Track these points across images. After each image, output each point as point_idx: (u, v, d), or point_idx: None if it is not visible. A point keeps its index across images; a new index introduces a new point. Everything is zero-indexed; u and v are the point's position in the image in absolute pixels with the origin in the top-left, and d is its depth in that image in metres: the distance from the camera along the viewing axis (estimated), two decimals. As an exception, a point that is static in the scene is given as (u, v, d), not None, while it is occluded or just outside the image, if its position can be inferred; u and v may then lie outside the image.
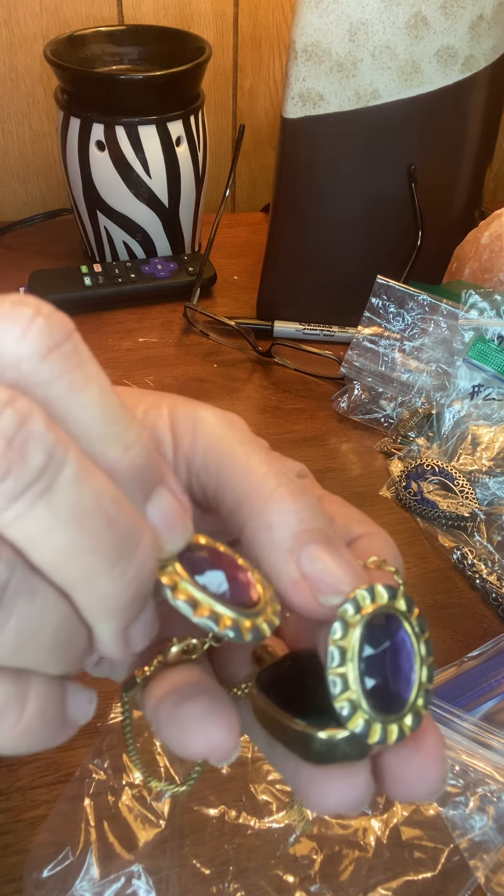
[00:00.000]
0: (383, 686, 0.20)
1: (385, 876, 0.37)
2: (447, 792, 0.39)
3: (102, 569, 0.17)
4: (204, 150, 0.79)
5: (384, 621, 0.20)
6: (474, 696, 0.44)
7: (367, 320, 0.64)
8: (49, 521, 0.16)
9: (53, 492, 0.16)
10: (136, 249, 0.80)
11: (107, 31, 0.78)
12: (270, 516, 0.20)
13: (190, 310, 0.74)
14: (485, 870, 0.37)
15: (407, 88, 0.64)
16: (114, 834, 0.38)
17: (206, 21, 0.88)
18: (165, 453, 0.22)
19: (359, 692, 0.19)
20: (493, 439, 0.60)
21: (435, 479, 0.57)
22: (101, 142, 0.73)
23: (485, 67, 0.66)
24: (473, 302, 0.61)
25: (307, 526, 0.20)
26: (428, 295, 0.62)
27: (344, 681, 0.19)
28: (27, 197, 0.96)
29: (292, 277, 0.74)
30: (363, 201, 0.70)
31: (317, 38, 0.62)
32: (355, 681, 0.19)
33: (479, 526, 0.55)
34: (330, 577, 0.20)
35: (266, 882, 0.36)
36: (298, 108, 0.65)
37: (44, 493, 0.16)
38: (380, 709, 0.19)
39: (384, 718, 0.19)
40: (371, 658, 0.20)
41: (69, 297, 0.75)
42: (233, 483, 0.21)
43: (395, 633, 0.20)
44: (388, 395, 0.64)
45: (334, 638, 0.19)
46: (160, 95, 0.73)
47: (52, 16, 0.85)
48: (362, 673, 0.19)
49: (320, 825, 0.38)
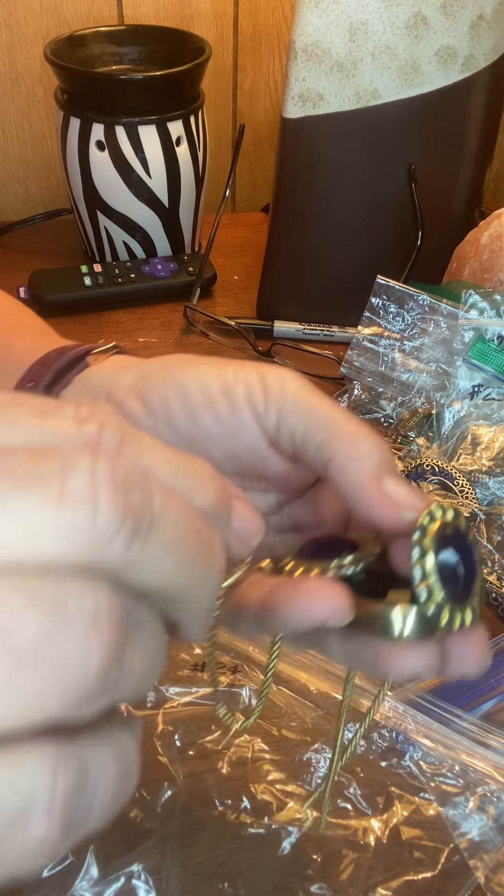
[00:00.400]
0: (453, 582, 0.24)
1: (385, 876, 0.37)
2: (447, 792, 0.40)
3: (203, 573, 0.19)
4: (204, 150, 0.79)
5: (452, 532, 0.24)
6: (474, 696, 0.44)
7: (367, 320, 0.64)
8: (162, 548, 0.17)
9: (159, 524, 0.17)
10: (136, 249, 0.80)
11: (107, 31, 0.78)
12: (359, 450, 0.26)
13: (190, 310, 0.74)
14: (485, 870, 0.37)
15: (407, 88, 0.64)
16: (114, 833, 0.38)
17: (206, 21, 0.88)
18: (257, 403, 0.28)
19: (435, 582, 0.23)
20: (493, 439, 0.60)
21: (435, 479, 0.57)
22: (101, 142, 0.73)
23: (485, 67, 0.66)
24: (473, 302, 0.61)
25: (385, 459, 0.26)
26: (428, 295, 0.62)
27: (423, 571, 0.23)
28: (27, 197, 0.96)
29: (292, 277, 0.74)
30: (363, 201, 0.70)
31: (317, 38, 0.62)
32: (433, 573, 0.23)
33: (479, 526, 0.55)
34: (406, 497, 0.25)
35: (266, 882, 0.36)
36: (298, 108, 0.65)
37: (152, 528, 0.17)
38: (450, 598, 0.23)
39: (452, 607, 0.23)
40: (444, 559, 0.24)
41: (69, 297, 0.75)
42: (321, 424, 0.27)
43: (461, 542, 0.25)
44: (388, 395, 0.64)
45: (416, 538, 0.24)
46: (160, 95, 0.73)
47: (52, 16, 0.85)
48: (438, 568, 0.23)
49: (320, 825, 0.38)
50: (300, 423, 0.28)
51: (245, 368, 0.29)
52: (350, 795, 0.39)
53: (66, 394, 0.33)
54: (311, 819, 0.38)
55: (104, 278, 0.76)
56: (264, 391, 0.28)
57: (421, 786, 0.40)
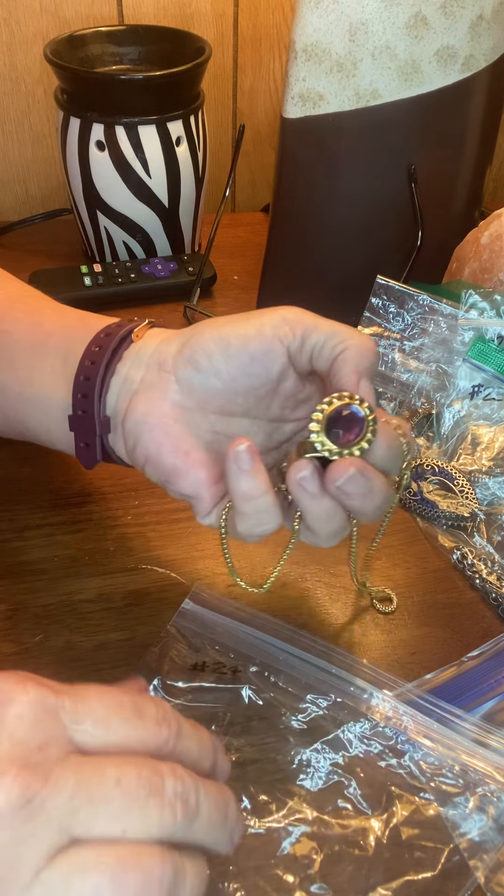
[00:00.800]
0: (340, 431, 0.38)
1: (385, 876, 0.37)
2: (447, 792, 0.40)
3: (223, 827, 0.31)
4: (204, 150, 0.79)
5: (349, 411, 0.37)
6: (474, 696, 0.44)
7: (367, 320, 0.64)
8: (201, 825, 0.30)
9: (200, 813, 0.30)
10: (136, 249, 0.80)
11: (107, 31, 0.78)
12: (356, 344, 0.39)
13: (190, 310, 0.74)
14: (485, 870, 0.37)
15: (407, 88, 0.64)
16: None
17: (206, 21, 0.88)
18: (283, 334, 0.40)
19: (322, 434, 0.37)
20: (493, 439, 0.60)
21: (435, 479, 0.57)
22: (101, 142, 0.73)
23: (485, 67, 0.66)
24: (473, 302, 0.61)
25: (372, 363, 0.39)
26: (428, 295, 0.62)
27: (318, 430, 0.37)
28: (27, 197, 0.96)
29: (292, 277, 0.74)
30: (363, 201, 0.70)
31: (317, 38, 0.62)
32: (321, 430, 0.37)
33: (479, 526, 0.55)
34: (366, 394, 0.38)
35: (266, 882, 0.36)
36: (298, 108, 0.65)
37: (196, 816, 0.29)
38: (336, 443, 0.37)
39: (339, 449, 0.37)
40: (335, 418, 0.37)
41: (69, 297, 0.75)
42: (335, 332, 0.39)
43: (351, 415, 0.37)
44: (388, 395, 0.64)
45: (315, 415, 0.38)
46: (160, 95, 0.73)
47: (52, 16, 0.85)
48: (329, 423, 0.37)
49: (320, 825, 0.38)
50: (320, 337, 0.39)
51: (266, 313, 0.40)
52: (350, 795, 0.39)
53: (122, 367, 0.42)
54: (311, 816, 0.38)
55: (104, 278, 0.76)
56: (288, 323, 0.40)
57: (421, 786, 0.40)
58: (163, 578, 0.51)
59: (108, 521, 0.55)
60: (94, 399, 0.42)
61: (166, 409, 0.41)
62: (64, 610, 0.48)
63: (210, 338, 0.40)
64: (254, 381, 0.40)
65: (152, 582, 0.51)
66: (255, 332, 0.40)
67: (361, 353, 0.38)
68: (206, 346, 0.40)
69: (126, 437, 0.42)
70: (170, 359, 0.41)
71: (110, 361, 0.42)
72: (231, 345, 0.40)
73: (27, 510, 0.55)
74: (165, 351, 0.42)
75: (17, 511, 0.55)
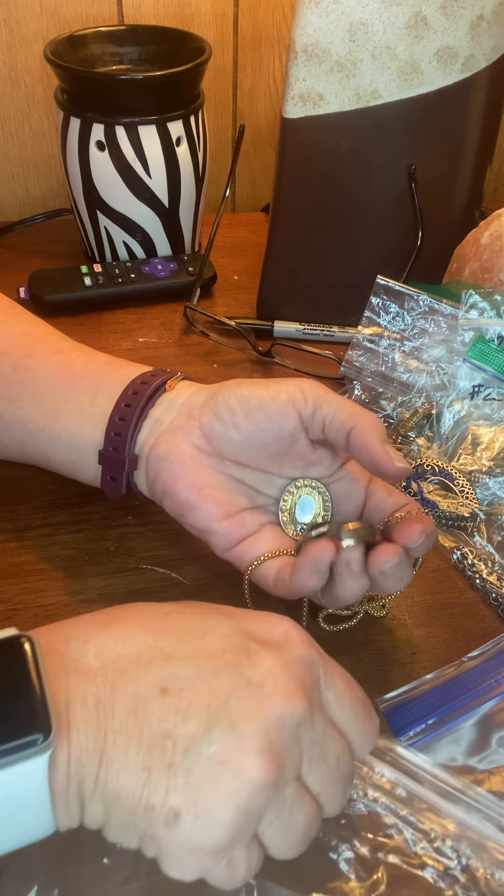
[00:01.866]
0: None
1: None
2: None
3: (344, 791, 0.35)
4: (204, 150, 0.79)
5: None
6: (474, 696, 0.44)
7: (367, 320, 0.64)
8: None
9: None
10: (136, 249, 0.80)
11: (107, 31, 0.78)
12: (370, 424, 0.44)
13: (190, 310, 0.74)
14: (485, 870, 0.37)
15: (407, 88, 0.64)
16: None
17: (206, 21, 0.88)
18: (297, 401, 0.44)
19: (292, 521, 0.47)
20: (493, 439, 0.60)
21: (435, 479, 0.57)
22: (101, 142, 0.73)
23: (485, 67, 0.66)
24: (473, 302, 0.61)
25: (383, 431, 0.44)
26: (428, 295, 0.62)
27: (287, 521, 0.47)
28: (27, 197, 0.96)
29: (292, 277, 0.74)
30: (363, 201, 0.70)
31: (317, 38, 0.62)
32: (290, 520, 0.47)
33: (479, 526, 0.55)
34: (396, 455, 0.43)
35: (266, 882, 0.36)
36: (298, 108, 0.65)
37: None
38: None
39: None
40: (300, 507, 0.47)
41: (69, 297, 0.75)
42: (344, 408, 0.44)
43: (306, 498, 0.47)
44: (388, 395, 0.64)
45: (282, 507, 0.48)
46: (160, 95, 0.73)
47: (52, 16, 0.85)
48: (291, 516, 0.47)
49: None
50: (330, 409, 0.44)
51: (285, 381, 0.46)
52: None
53: (154, 412, 0.48)
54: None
55: (104, 278, 0.76)
56: (302, 392, 0.45)
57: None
58: (163, 578, 0.51)
59: (108, 521, 0.55)
60: (127, 438, 0.47)
61: (187, 448, 0.46)
62: (64, 610, 0.49)
63: (234, 394, 0.45)
64: (267, 437, 0.45)
65: (152, 582, 0.51)
66: (272, 396, 0.45)
67: (375, 425, 0.44)
68: (230, 401, 0.45)
69: (148, 470, 0.47)
70: (197, 408, 0.47)
71: (144, 407, 0.48)
72: (250, 402, 0.45)
73: (27, 510, 0.55)
74: (195, 401, 0.47)
75: (17, 511, 0.55)
